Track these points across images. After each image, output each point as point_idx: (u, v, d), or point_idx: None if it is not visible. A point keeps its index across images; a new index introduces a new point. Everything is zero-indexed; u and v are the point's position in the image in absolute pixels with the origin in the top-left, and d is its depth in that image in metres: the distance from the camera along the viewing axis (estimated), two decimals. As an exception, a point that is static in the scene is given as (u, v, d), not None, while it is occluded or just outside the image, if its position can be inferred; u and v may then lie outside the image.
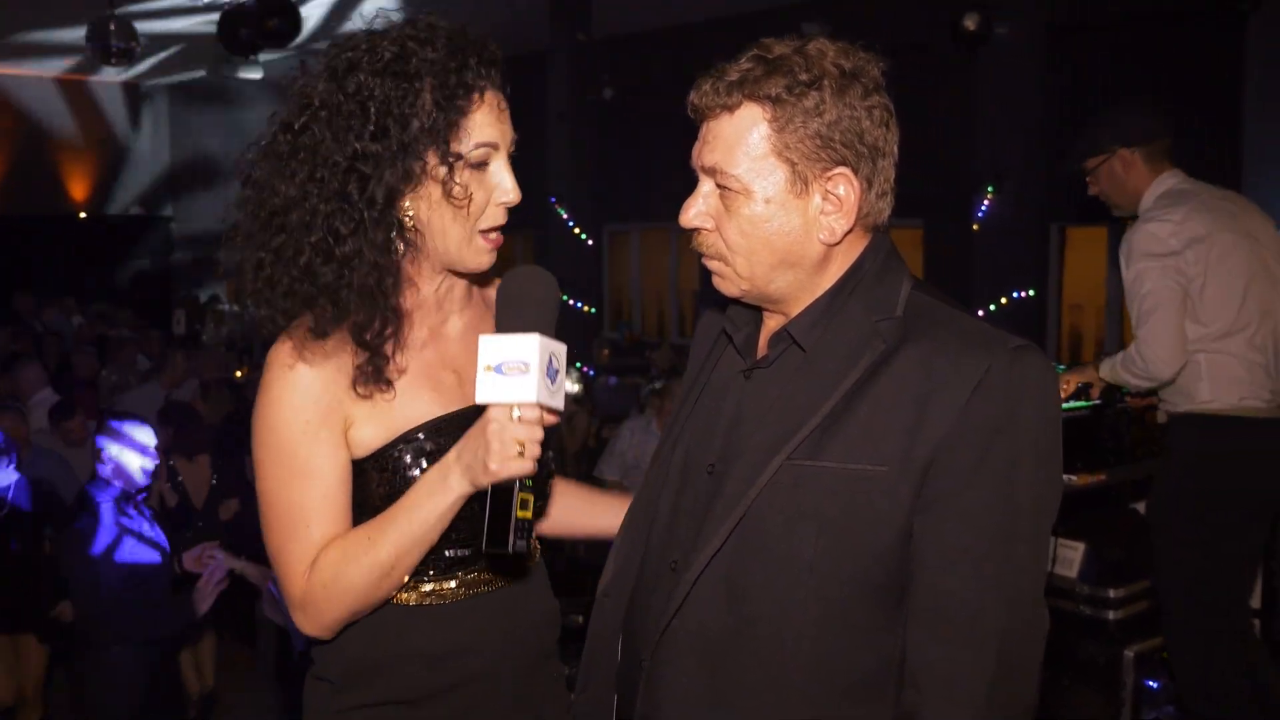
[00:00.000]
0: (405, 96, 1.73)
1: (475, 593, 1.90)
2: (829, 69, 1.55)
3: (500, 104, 1.82)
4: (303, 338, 1.79)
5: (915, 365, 1.53)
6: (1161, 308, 3.71)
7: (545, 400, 1.62)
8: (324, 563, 1.78)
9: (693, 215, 1.64)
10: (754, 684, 1.58)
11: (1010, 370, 1.50)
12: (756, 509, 1.57)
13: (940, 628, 1.51)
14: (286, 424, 1.79)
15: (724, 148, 1.58)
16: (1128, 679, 3.85)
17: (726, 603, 1.60)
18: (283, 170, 1.78)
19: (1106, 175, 3.99)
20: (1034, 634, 1.55)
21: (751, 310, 1.74)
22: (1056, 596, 3.96)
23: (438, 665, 1.87)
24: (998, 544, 1.49)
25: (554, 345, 1.64)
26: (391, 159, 1.73)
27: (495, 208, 1.82)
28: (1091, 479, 3.96)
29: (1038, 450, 1.52)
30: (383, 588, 1.79)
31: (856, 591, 1.54)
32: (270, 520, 1.83)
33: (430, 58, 1.75)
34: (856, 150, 1.57)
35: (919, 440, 1.50)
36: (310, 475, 1.79)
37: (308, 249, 1.76)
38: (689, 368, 1.89)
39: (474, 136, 1.77)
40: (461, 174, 1.77)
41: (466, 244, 1.81)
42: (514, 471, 1.62)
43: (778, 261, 1.60)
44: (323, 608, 1.80)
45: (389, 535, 1.76)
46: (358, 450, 1.83)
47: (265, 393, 1.81)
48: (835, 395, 1.55)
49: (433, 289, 1.90)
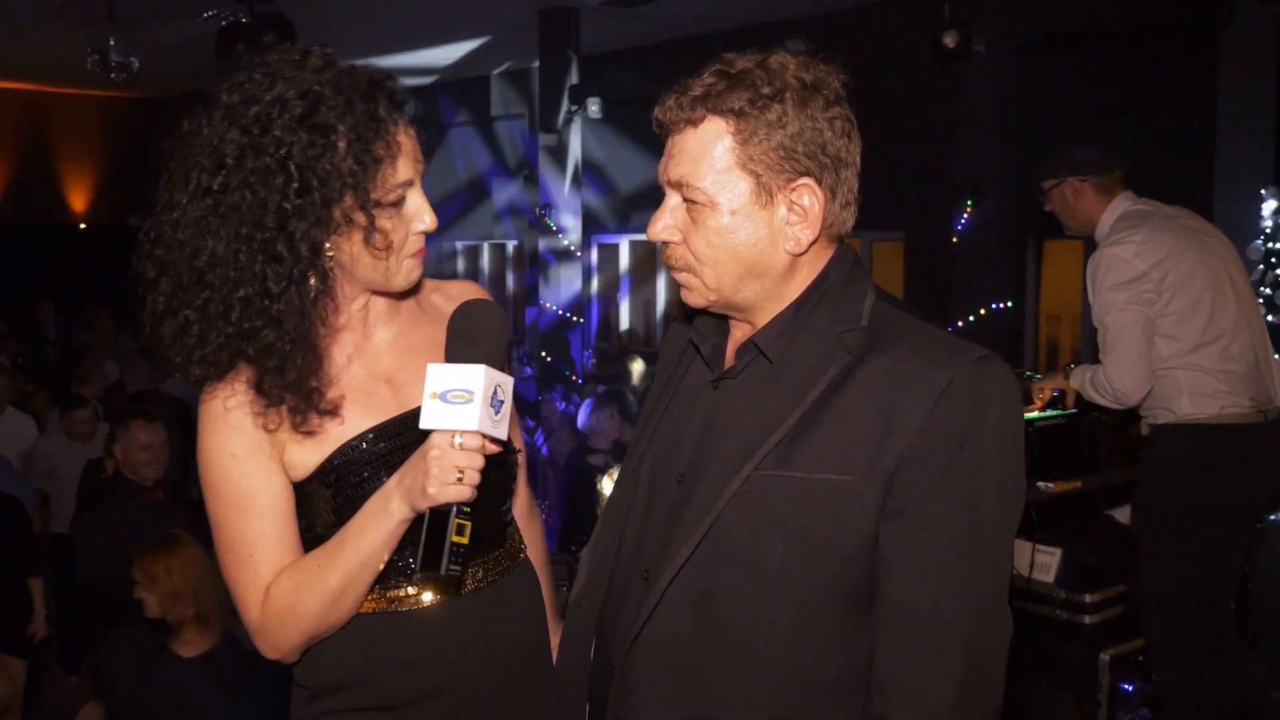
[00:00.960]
0: (324, 151, 1.72)
1: (449, 598, 1.90)
2: (790, 82, 1.57)
3: (409, 142, 1.82)
4: (226, 380, 1.81)
5: (880, 376, 1.54)
6: (1126, 337, 3.82)
7: (487, 429, 1.66)
8: (276, 592, 1.81)
9: (660, 229, 1.66)
10: (724, 690, 1.59)
11: (974, 380, 1.52)
12: (725, 518, 1.58)
13: (906, 634, 1.51)
14: (214, 460, 1.83)
15: (689, 161, 1.60)
16: (1104, 681, 3.90)
17: (696, 611, 1.61)
18: (207, 230, 1.75)
19: (1058, 199, 4.17)
20: (999, 639, 1.56)
21: (718, 321, 1.76)
22: (1034, 601, 4.02)
23: (411, 672, 1.87)
24: (962, 552, 1.50)
25: (500, 377, 1.68)
26: (314, 212, 1.73)
27: (414, 236, 1.85)
28: (1068, 486, 4.05)
29: (1002, 459, 1.54)
30: (337, 612, 1.81)
31: (825, 598, 1.55)
32: (220, 550, 1.86)
33: (340, 105, 1.73)
34: (819, 161, 1.58)
35: (884, 450, 1.51)
36: (245, 506, 1.82)
37: (238, 305, 1.75)
38: (656, 378, 1.91)
39: (386, 180, 1.77)
40: (377, 214, 1.77)
41: (395, 274, 1.85)
42: (451, 497, 1.65)
43: (744, 272, 1.62)
44: (279, 636, 1.83)
45: (337, 562, 1.79)
46: (297, 472, 1.85)
47: (199, 435, 1.85)
48: (802, 406, 1.56)
49: (355, 309, 1.91)
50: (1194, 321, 3.86)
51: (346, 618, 1.84)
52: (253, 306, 1.76)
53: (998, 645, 1.56)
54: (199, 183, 1.76)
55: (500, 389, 1.68)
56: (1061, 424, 4.11)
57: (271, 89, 1.74)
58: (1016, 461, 1.57)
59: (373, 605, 1.87)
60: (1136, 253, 3.86)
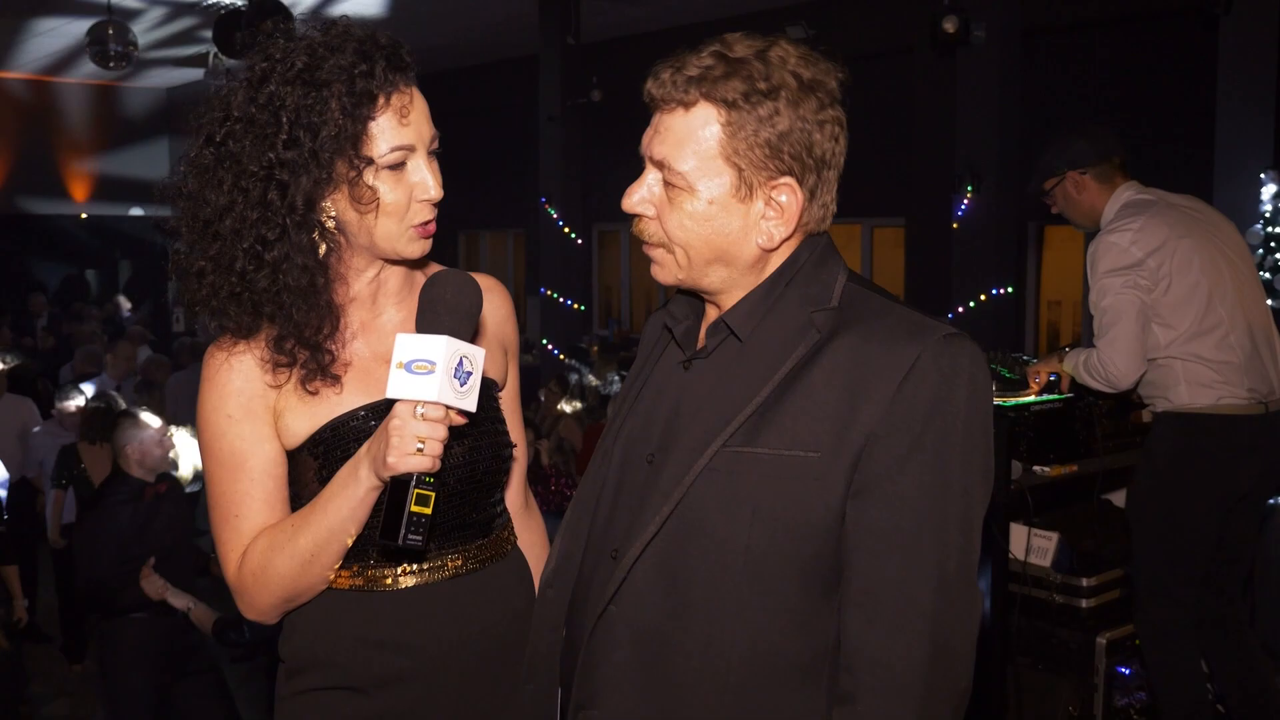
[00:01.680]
0: (314, 105, 1.76)
1: (433, 581, 1.92)
2: (788, 79, 1.55)
3: (413, 104, 1.83)
4: (231, 336, 1.87)
5: (848, 354, 1.55)
6: (1122, 320, 3.83)
7: (450, 400, 1.65)
8: (253, 551, 1.84)
9: (635, 201, 1.66)
10: (692, 670, 1.58)
11: (940, 358, 1.52)
12: (693, 495, 1.58)
13: (873, 612, 1.51)
14: (211, 419, 1.87)
15: (674, 142, 1.59)
16: (1100, 665, 3.90)
17: (663, 589, 1.60)
18: (210, 181, 1.82)
19: (1061, 196, 4.17)
20: (967, 617, 1.55)
21: (693, 303, 1.76)
22: (1031, 585, 4.03)
23: (383, 652, 1.89)
24: (929, 529, 1.50)
25: (466, 348, 1.67)
26: (306, 165, 1.77)
27: (419, 204, 1.85)
28: (1064, 470, 4.03)
29: (968, 436, 1.53)
30: (308, 576, 1.83)
31: (793, 577, 1.54)
32: (210, 505, 1.90)
33: (339, 64, 1.77)
34: (804, 162, 1.57)
35: (851, 427, 1.51)
36: (237, 466, 1.85)
37: (240, 255, 1.81)
38: (634, 363, 1.90)
39: (384, 141, 1.79)
40: (374, 177, 1.79)
41: (398, 237, 1.85)
42: (411, 466, 1.64)
43: (713, 258, 1.62)
44: (254, 594, 1.86)
45: (309, 525, 1.80)
46: (291, 439, 1.87)
47: (200, 390, 1.89)
48: (770, 383, 1.56)
49: (364, 283, 1.93)
50: (1190, 310, 3.86)
51: (319, 582, 1.86)
52: (253, 256, 1.81)
53: (966, 623, 1.55)
54: (208, 135, 1.83)
55: (467, 360, 1.67)
56: (1057, 408, 4.11)
57: (282, 49, 1.81)
58: (985, 439, 1.57)
59: (351, 582, 1.89)
60: (1133, 240, 3.86)
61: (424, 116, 1.86)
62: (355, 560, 1.88)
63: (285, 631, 1.95)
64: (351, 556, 1.87)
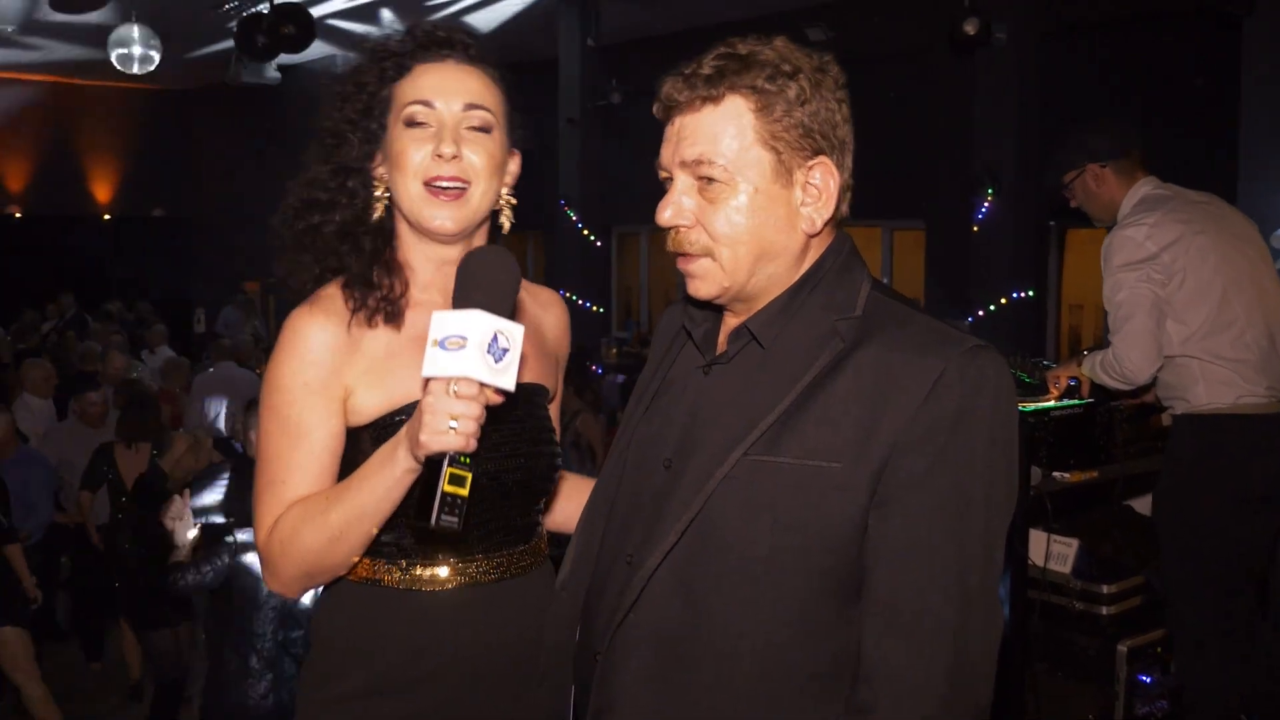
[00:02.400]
0: (364, 75, 1.94)
1: (466, 583, 1.91)
2: (802, 62, 1.58)
3: (445, 71, 1.93)
4: (317, 302, 1.90)
5: (872, 364, 1.53)
6: (1136, 314, 3.81)
7: (483, 377, 1.59)
8: (285, 519, 1.83)
9: (670, 214, 1.62)
10: (709, 679, 1.56)
11: (965, 370, 1.50)
12: (713, 504, 1.56)
13: (892, 624, 1.49)
14: (285, 383, 1.86)
15: (706, 139, 1.57)
16: (1121, 673, 3.87)
17: (681, 598, 1.59)
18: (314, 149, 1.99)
19: (1080, 190, 4.15)
20: (987, 630, 1.53)
21: (711, 307, 1.73)
22: (1050, 592, 4.00)
23: (416, 652, 1.88)
24: (951, 542, 1.49)
25: (501, 324, 1.60)
26: (354, 128, 1.94)
27: (433, 160, 1.87)
28: (1084, 476, 4.01)
29: (992, 450, 1.52)
30: (334, 553, 1.81)
31: (813, 587, 1.53)
32: (259, 466, 1.89)
33: (392, 47, 1.95)
34: (832, 141, 1.59)
35: (874, 438, 1.50)
36: (298, 435, 1.85)
37: (308, 204, 1.96)
38: (647, 364, 1.88)
39: (403, 97, 1.90)
40: (394, 130, 1.91)
41: (415, 196, 1.89)
42: (444, 445, 1.59)
43: (761, 253, 1.60)
44: (279, 563, 1.84)
45: (343, 501, 1.78)
46: (356, 418, 1.88)
47: (275, 352, 1.89)
48: (793, 392, 1.55)
49: (431, 272, 1.96)
50: (1205, 306, 3.84)
51: (342, 563, 1.85)
52: (314, 203, 1.96)
53: (986, 637, 1.53)
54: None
55: (502, 335, 1.60)
56: (1077, 413, 4.08)
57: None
58: (1009, 453, 1.55)
59: (388, 579, 1.89)
60: (1148, 235, 3.84)
61: (458, 85, 1.92)
62: (397, 557, 1.89)
63: (320, 627, 1.95)
64: (392, 554, 1.89)
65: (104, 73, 12.70)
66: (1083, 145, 4.10)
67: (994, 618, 1.55)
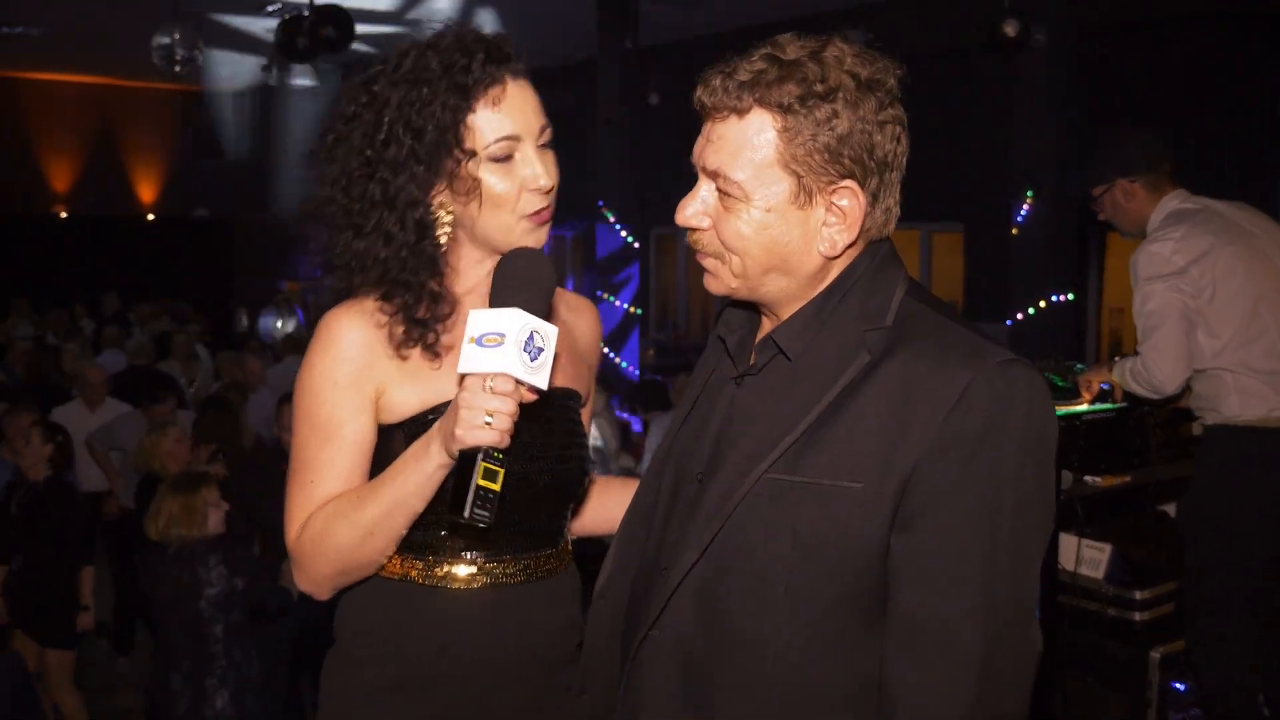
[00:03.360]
0: (414, 102, 1.81)
1: (492, 583, 1.92)
2: (844, 79, 1.49)
3: (517, 95, 1.85)
4: (353, 303, 1.90)
5: (898, 377, 1.48)
6: (1164, 325, 3.79)
7: (520, 374, 1.62)
8: (316, 517, 1.84)
9: (689, 214, 1.60)
10: (731, 698, 1.54)
11: (993, 385, 1.44)
12: (735, 521, 1.53)
13: (915, 649, 1.45)
14: (317, 382, 1.87)
15: (728, 151, 1.53)
16: (1154, 680, 3.82)
17: (704, 615, 1.57)
18: (326, 172, 1.90)
19: (1110, 204, 4.12)
20: (1019, 659, 1.48)
21: (748, 313, 1.71)
22: (1082, 597, 3.96)
23: (440, 649, 1.89)
24: (977, 565, 1.43)
25: (537, 323, 1.64)
26: (405, 163, 1.82)
27: (529, 194, 1.85)
28: (1116, 480, 3.98)
29: (1023, 469, 1.45)
30: (365, 550, 1.82)
31: (835, 608, 1.49)
32: (290, 472, 1.90)
33: (440, 62, 1.81)
34: (865, 165, 1.50)
35: (897, 456, 1.44)
36: (330, 434, 1.86)
37: (342, 241, 1.90)
38: (696, 371, 1.85)
39: (488, 132, 1.82)
40: (478, 169, 1.83)
41: (511, 228, 1.86)
42: (479, 440, 1.61)
43: (772, 266, 1.56)
44: (309, 562, 1.85)
45: (376, 497, 1.79)
46: (390, 415, 1.88)
47: (308, 353, 1.90)
48: (818, 408, 1.50)
49: (481, 275, 1.93)
50: (1235, 318, 3.81)
51: (377, 558, 1.86)
52: (350, 244, 1.89)
53: (1017, 664, 1.48)
54: (333, 136, 1.91)
55: (538, 335, 1.64)
56: (1110, 417, 4.05)
57: (396, 52, 1.88)
58: (1042, 472, 1.49)
59: (417, 576, 1.90)
60: (1175, 249, 3.82)
61: (530, 107, 1.88)
62: (425, 553, 1.90)
63: (346, 622, 1.96)
64: (421, 550, 1.89)
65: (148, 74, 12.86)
66: (1112, 159, 4.08)
67: (1027, 649, 1.49)
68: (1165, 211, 3.99)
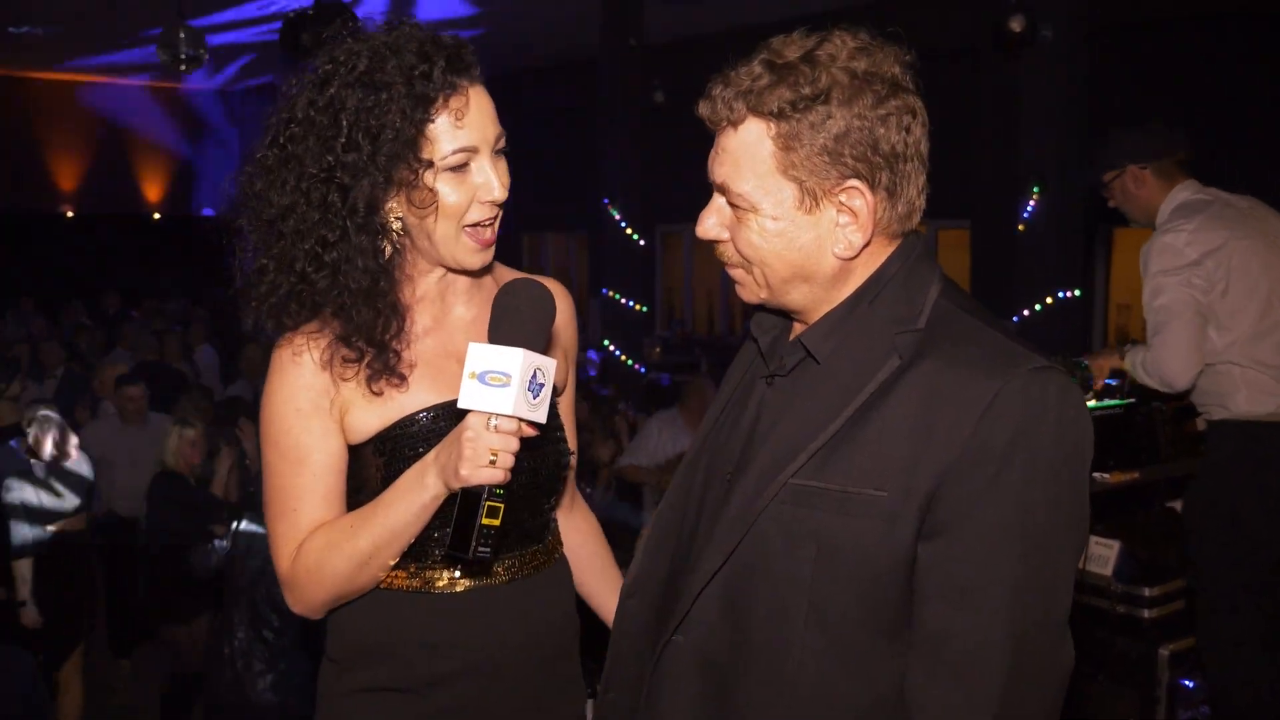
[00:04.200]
0: (373, 108, 1.76)
1: (479, 585, 1.92)
2: (838, 77, 1.46)
3: (475, 105, 1.82)
4: (309, 328, 1.87)
5: (927, 384, 1.44)
6: (1176, 319, 3.77)
7: (524, 414, 1.64)
8: (309, 548, 1.84)
9: (707, 227, 1.60)
10: (752, 704, 1.53)
11: (1025, 392, 1.40)
12: (760, 527, 1.51)
13: (938, 663, 1.42)
14: (279, 411, 1.86)
15: (731, 163, 1.53)
16: (1163, 678, 3.83)
17: (727, 620, 1.55)
18: (274, 181, 1.84)
19: (1119, 190, 4.12)
20: (1046, 675, 1.44)
21: (780, 313, 1.69)
22: (1091, 594, 3.97)
23: (435, 653, 1.89)
24: (1003, 579, 1.39)
25: (540, 360, 1.65)
26: (366, 168, 1.77)
27: (479, 205, 1.83)
28: (1125, 477, 3.97)
29: (1054, 478, 1.41)
30: (363, 576, 1.84)
31: (858, 618, 1.46)
32: (266, 500, 1.90)
33: (399, 66, 1.77)
34: (870, 161, 1.47)
35: (923, 465, 1.41)
36: (300, 460, 1.85)
37: (301, 256, 1.83)
38: (732, 367, 1.82)
39: (445, 143, 1.79)
40: (434, 178, 1.79)
41: (453, 242, 1.84)
42: (483, 479, 1.63)
43: (791, 275, 1.54)
44: (306, 590, 1.86)
45: (369, 526, 1.80)
46: (355, 435, 1.87)
47: (267, 379, 1.90)
48: (845, 413, 1.47)
49: (433, 281, 1.94)
50: (1248, 312, 3.80)
51: (372, 582, 1.87)
52: (313, 257, 1.83)
53: (1044, 682, 1.45)
54: (273, 136, 1.85)
55: (540, 372, 1.65)
56: (1118, 414, 4.04)
57: (345, 50, 1.81)
58: (1074, 482, 1.44)
59: (407, 583, 1.90)
60: (1188, 241, 3.80)
61: (487, 116, 1.84)
62: (412, 561, 1.89)
63: (336, 627, 1.95)
64: (408, 557, 1.88)
65: (154, 73, 12.89)
66: (1124, 146, 4.08)
67: (1055, 664, 1.46)
68: (1176, 202, 3.98)
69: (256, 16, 12.94)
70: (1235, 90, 8.51)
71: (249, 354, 8.96)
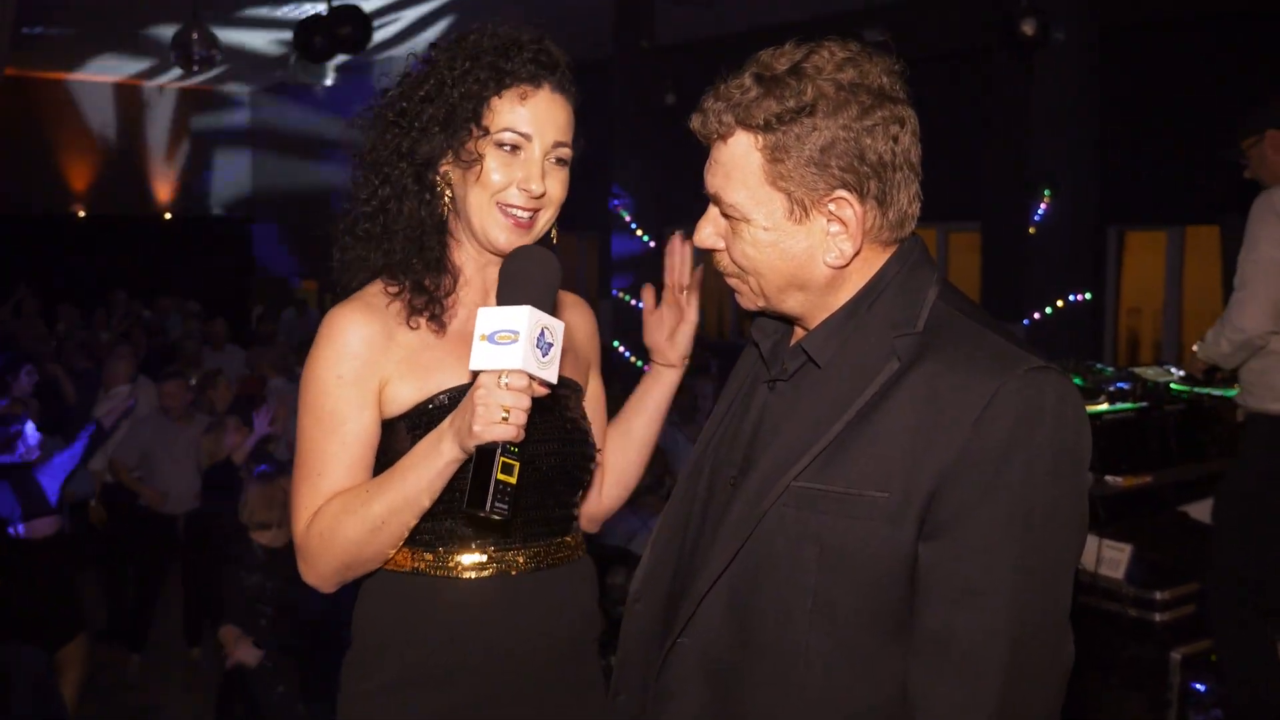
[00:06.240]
0: (456, 70, 1.90)
1: (503, 571, 1.94)
2: (824, 88, 1.47)
3: (545, 102, 1.93)
4: (358, 299, 1.94)
5: (926, 386, 1.46)
6: (1264, 274, 3.80)
7: (533, 370, 1.66)
8: (324, 512, 1.87)
9: (704, 237, 1.63)
10: (758, 707, 1.53)
11: (1023, 392, 1.41)
12: (763, 530, 1.53)
13: (940, 663, 1.43)
14: (321, 376, 1.90)
15: (723, 175, 1.55)
16: (1174, 681, 3.83)
17: (731, 623, 1.57)
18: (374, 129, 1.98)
19: (1257, 158, 4.09)
20: (1047, 672, 1.46)
21: (780, 318, 1.70)
22: (1103, 598, 3.97)
23: (454, 640, 1.91)
24: (1004, 578, 1.40)
25: (547, 319, 1.68)
26: (430, 122, 1.90)
27: (518, 190, 1.90)
28: (1137, 481, 3.98)
29: (1053, 478, 1.42)
30: (374, 544, 1.85)
31: (861, 620, 1.48)
32: (296, 463, 1.94)
33: (493, 44, 1.91)
34: (858, 171, 1.48)
35: (923, 466, 1.43)
36: (333, 427, 1.89)
37: (370, 196, 1.96)
38: (735, 369, 1.84)
39: (503, 117, 1.89)
40: (485, 147, 1.89)
41: (486, 213, 1.91)
42: (497, 435, 1.64)
43: (785, 283, 1.57)
44: (317, 556, 1.88)
45: (384, 492, 1.83)
46: (391, 408, 1.91)
47: (312, 349, 1.94)
48: (845, 416, 1.49)
49: (477, 270, 2.01)
50: None
51: (381, 554, 1.89)
52: (374, 196, 1.96)
53: (1044, 681, 1.46)
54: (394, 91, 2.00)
55: (548, 331, 1.68)
56: (1130, 417, 4.05)
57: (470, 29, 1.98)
58: (1073, 481, 1.45)
59: (427, 568, 1.92)
60: None
61: (552, 119, 1.94)
62: (435, 545, 1.92)
63: (362, 617, 1.98)
64: (431, 543, 1.91)
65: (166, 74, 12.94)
66: (1263, 112, 4.07)
67: (1055, 663, 1.47)
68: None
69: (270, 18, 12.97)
70: (1251, 94, 8.48)
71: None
